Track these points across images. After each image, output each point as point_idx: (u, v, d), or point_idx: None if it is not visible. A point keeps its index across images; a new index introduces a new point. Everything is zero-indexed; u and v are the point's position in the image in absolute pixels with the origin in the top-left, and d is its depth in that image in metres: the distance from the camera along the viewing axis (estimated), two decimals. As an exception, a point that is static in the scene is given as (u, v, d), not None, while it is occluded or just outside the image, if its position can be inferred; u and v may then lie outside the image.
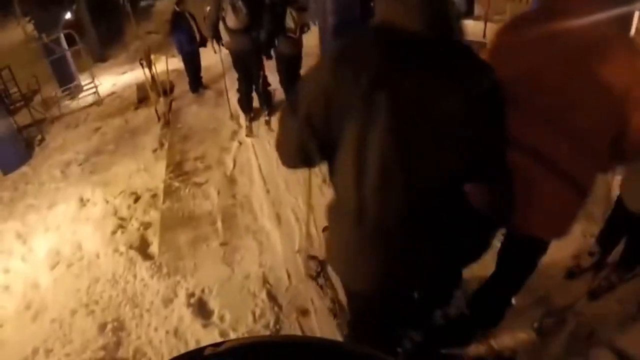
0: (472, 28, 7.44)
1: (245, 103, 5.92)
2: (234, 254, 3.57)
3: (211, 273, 3.39)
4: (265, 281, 3.21)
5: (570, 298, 2.69)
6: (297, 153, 1.42)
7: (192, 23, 7.19)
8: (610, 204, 2.77)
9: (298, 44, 5.32)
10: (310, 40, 5.94)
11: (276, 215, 3.97)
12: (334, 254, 1.63)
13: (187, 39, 7.20)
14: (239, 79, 5.79)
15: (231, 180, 4.77)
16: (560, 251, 2.83)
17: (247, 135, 5.70)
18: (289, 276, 3.24)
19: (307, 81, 1.37)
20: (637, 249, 2.70)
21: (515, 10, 7.26)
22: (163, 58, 7.90)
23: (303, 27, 5.22)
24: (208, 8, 5.37)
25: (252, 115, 5.95)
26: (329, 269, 2.91)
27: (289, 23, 5.09)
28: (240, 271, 3.35)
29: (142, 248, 3.94)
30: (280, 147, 1.49)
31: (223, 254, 3.57)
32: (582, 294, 2.70)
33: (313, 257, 3.25)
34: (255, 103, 5.97)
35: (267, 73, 5.88)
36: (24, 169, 6.99)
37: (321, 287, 3.02)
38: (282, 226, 3.81)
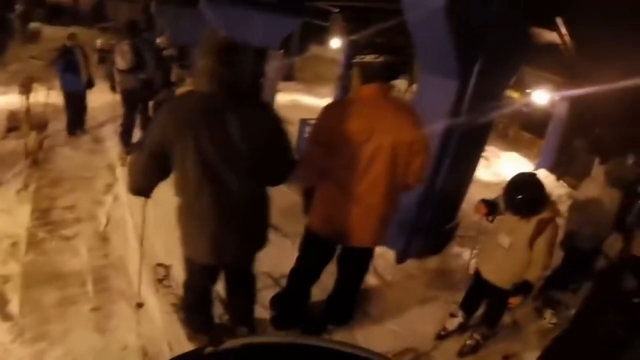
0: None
1: (125, 136, 6.72)
2: (108, 321, 3.40)
3: (82, 341, 3.15)
4: (144, 354, 3.10)
5: (442, 357, 3.45)
6: (143, 177, 2.35)
7: (82, 60, 7.05)
8: (469, 275, 3.60)
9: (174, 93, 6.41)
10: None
11: (154, 280, 3.87)
12: (189, 240, 2.51)
13: (73, 76, 7.05)
14: (124, 115, 6.75)
15: (103, 238, 4.60)
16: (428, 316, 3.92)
17: (122, 165, 5.91)
18: (170, 348, 3.14)
19: (153, 126, 2.27)
20: (495, 312, 3.58)
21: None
22: (42, 88, 7.46)
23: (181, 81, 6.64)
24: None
25: (129, 150, 6.23)
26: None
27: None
28: (115, 341, 3.20)
29: (0, 306, 3.50)
30: (130, 174, 2.39)
31: (96, 321, 3.38)
32: (452, 352, 3.54)
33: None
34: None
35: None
36: None
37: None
38: (159, 293, 3.72)
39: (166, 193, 2.52)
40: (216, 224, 2.35)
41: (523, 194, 3.02)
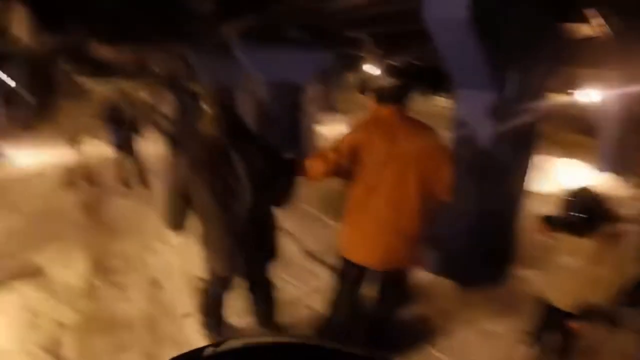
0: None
1: None
2: (161, 367, 3.39)
3: (134, 387, 3.13)
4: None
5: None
6: (175, 217, 2.84)
7: (129, 114, 7.38)
8: (535, 300, 3.28)
9: None
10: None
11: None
12: (210, 258, 3.01)
13: (121, 130, 7.37)
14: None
15: (154, 284, 4.68)
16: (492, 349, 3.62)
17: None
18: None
19: (176, 175, 2.71)
20: (565, 340, 3.19)
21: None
22: (93, 141, 7.87)
23: None
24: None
25: None
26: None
27: None
28: (166, 387, 3.18)
29: (56, 351, 3.60)
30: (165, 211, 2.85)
31: (148, 367, 3.37)
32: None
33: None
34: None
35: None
36: None
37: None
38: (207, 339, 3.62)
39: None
40: (229, 246, 2.83)
41: (577, 212, 2.78)
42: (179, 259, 5.09)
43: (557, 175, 9.60)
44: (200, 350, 0.91)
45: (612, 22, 4.34)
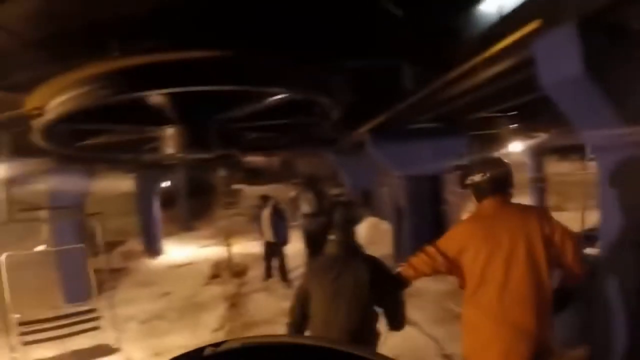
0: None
1: None
2: None
3: None
4: None
5: None
6: (291, 315, 3.07)
7: (276, 217, 7.92)
8: None
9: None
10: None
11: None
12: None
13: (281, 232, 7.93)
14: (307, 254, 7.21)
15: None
16: None
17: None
18: None
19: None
20: None
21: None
22: (244, 240, 8.56)
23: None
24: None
25: None
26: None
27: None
28: None
29: None
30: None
31: None
32: None
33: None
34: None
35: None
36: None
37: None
38: None
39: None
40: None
41: None
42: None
43: None
44: (200, 350, 0.90)
45: None
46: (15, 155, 6.24)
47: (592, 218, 3.92)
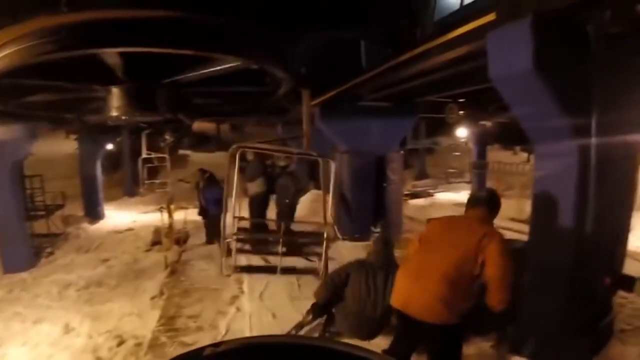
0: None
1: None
2: None
3: None
4: None
5: None
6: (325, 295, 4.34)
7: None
8: None
9: None
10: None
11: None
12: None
13: (213, 200, 7.83)
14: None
15: (222, 348, 4.68)
16: None
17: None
18: None
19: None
20: None
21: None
22: (186, 208, 8.45)
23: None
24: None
25: None
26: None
27: None
28: None
29: None
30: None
31: None
32: None
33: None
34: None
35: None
36: (25, 275, 7.22)
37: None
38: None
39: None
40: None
41: None
42: (249, 326, 5.03)
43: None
44: (200, 350, 0.91)
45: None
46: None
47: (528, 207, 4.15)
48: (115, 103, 5.23)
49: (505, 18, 3.39)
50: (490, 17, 3.58)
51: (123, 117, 5.51)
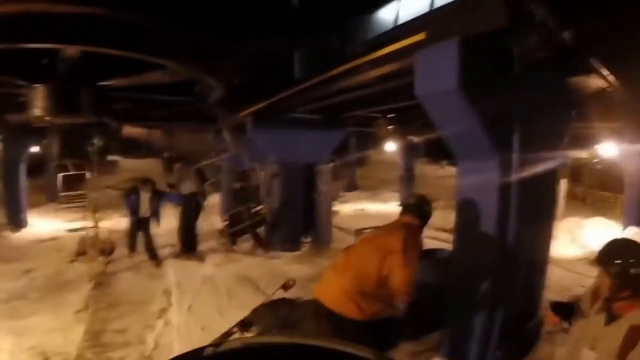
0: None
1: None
2: None
3: None
4: None
5: None
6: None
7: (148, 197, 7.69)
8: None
9: None
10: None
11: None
12: None
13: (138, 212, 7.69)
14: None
15: (149, 364, 4.48)
16: None
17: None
18: None
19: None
20: None
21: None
22: (114, 215, 8.10)
23: None
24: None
25: None
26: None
27: None
28: None
29: None
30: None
31: None
32: None
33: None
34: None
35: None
36: None
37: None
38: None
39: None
40: None
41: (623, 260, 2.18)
42: (179, 340, 4.92)
43: (585, 237, 9.12)
44: (200, 350, 0.92)
45: (620, 72, 4.23)
46: None
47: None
48: (39, 102, 4.99)
49: (434, 38, 3.60)
50: (420, 36, 3.78)
51: (46, 118, 5.24)
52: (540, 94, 3.82)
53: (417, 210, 3.56)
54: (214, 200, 12.79)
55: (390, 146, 13.22)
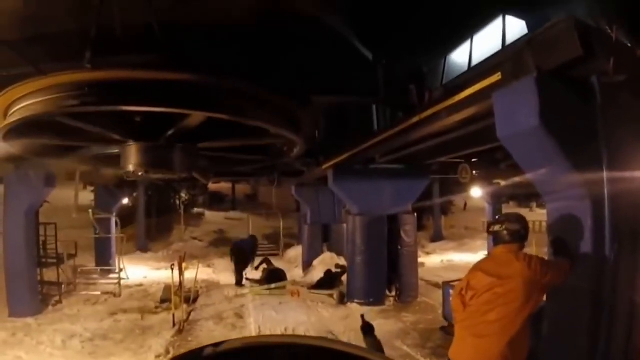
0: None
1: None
2: None
3: None
4: None
5: None
6: None
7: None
8: None
9: None
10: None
11: None
12: None
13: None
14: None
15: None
16: None
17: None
18: None
19: None
20: None
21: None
22: (200, 266, 8.42)
23: None
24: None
25: None
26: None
27: None
28: None
29: None
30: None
31: None
32: None
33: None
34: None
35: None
36: (30, 320, 7.16)
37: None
38: None
39: None
40: None
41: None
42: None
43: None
44: (200, 350, 0.91)
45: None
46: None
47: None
48: (132, 159, 5.35)
49: (510, 77, 3.48)
50: (496, 77, 3.68)
51: (139, 173, 5.60)
52: (626, 123, 3.48)
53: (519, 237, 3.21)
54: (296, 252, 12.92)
55: (476, 192, 12.70)
